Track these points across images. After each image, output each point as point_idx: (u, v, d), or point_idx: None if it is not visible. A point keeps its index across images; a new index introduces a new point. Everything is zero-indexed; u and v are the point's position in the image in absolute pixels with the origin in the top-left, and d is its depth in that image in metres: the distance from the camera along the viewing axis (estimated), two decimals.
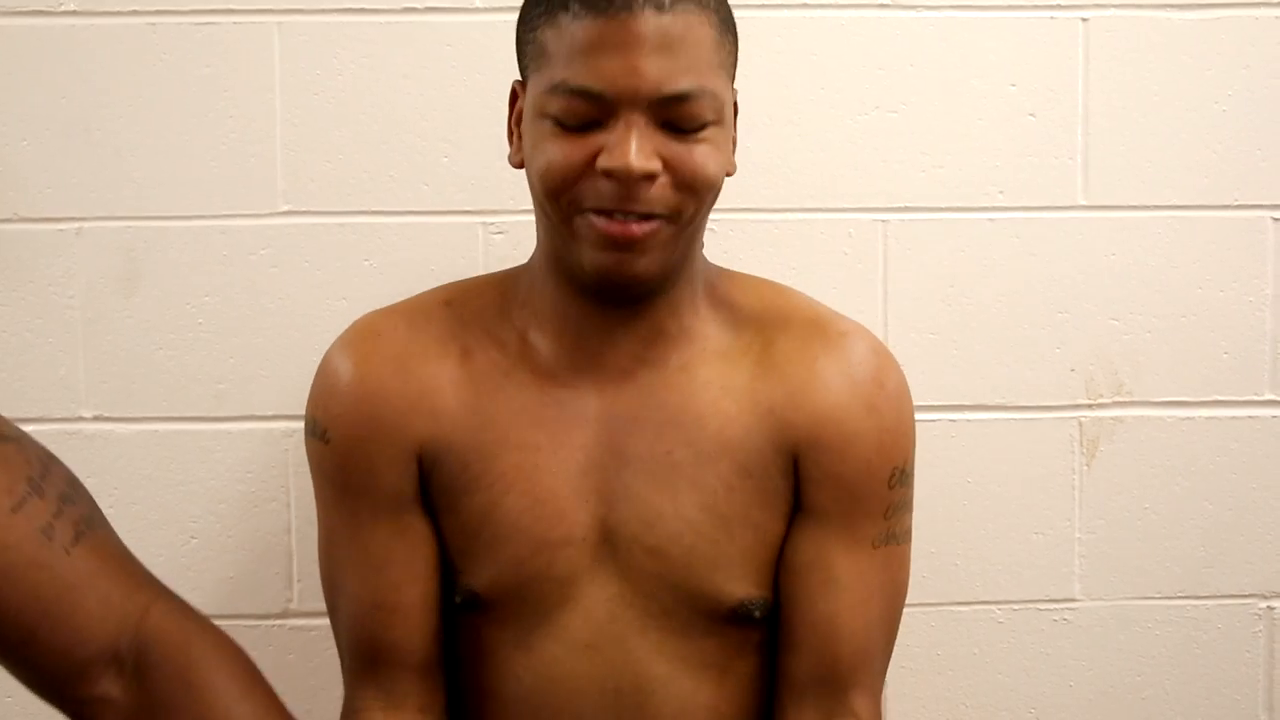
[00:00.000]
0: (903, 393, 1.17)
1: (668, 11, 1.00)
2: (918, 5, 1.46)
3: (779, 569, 1.15)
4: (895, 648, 1.21)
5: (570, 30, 1.01)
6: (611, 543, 1.12)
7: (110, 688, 0.86)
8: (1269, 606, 1.51)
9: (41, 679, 0.87)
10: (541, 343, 1.14)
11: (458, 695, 1.19)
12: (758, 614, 1.13)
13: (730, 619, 1.13)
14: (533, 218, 1.24)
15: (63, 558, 0.84)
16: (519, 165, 1.11)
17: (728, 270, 1.23)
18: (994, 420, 1.48)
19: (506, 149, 1.14)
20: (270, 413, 1.44)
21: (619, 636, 1.12)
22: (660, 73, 1.00)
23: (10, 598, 0.82)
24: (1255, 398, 1.49)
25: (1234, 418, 1.49)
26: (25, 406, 1.42)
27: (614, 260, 1.05)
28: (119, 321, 1.44)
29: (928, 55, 1.46)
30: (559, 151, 1.03)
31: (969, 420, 1.48)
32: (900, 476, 1.15)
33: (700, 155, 1.04)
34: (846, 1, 1.46)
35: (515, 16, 1.44)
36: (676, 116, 1.02)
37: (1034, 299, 1.47)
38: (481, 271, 1.42)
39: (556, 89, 1.02)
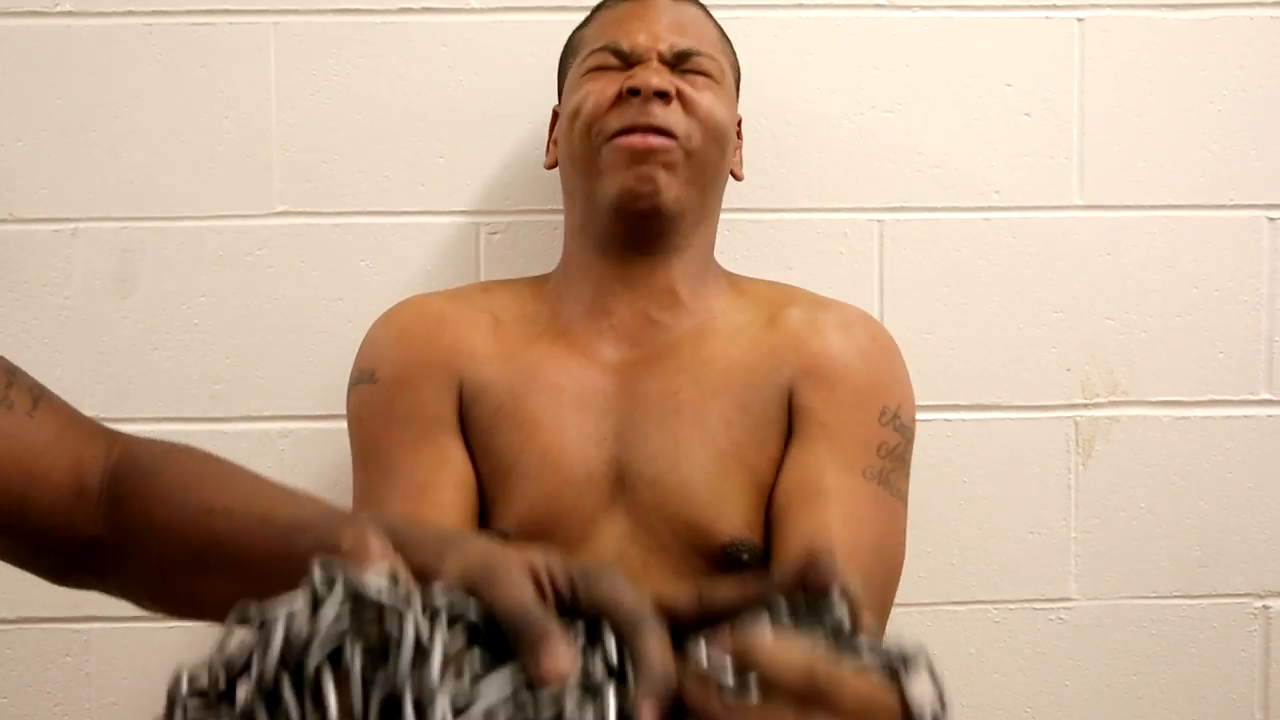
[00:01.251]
0: (897, 355, 1.25)
1: (681, 0, 1.26)
2: (913, 5, 1.46)
3: (770, 503, 1.17)
4: None
5: (603, 15, 1.27)
6: (622, 480, 1.18)
7: (94, 527, 0.84)
8: (1264, 605, 1.51)
9: (38, 547, 0.86)
10: (566, 310, 1.25)
11: None
12: (745, 556, 1.15)
13: (721, 560, 1.15)
14: (529, 219, 1.26)
15: (28, 422, 0.84)
16: (550, 166, 1.30)
17: (740, 274, 1.34)
18: (989, 420, 1.48)
19: (503, 150, 1.21)
20: (267, 413, 1.44)
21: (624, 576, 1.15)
22: (673, 35, 1.23)
23: None
24: (1250, 397, 1.49)
25: (1229, 417, 1.49)
26: None
27: (636, 176, 1.19)
28: (115, 322, 1.43)
29: (923, 55, 1.46)
30: (592, 88, 1.22)
31: (964, 420, 1.48)
32: (894, 420, 1.20)
33: (708, 97, 1.22)
34: (842, 2, 1.46)
35: (510, 17, 1.45)
36: (686, 68, 1.23)
37: (1029, 298, 1.48)
38: (478, 272, 1.43)
39: (591, 54, 1.24)
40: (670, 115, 1.19)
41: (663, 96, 1.18)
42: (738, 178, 1.31)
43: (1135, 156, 1.47)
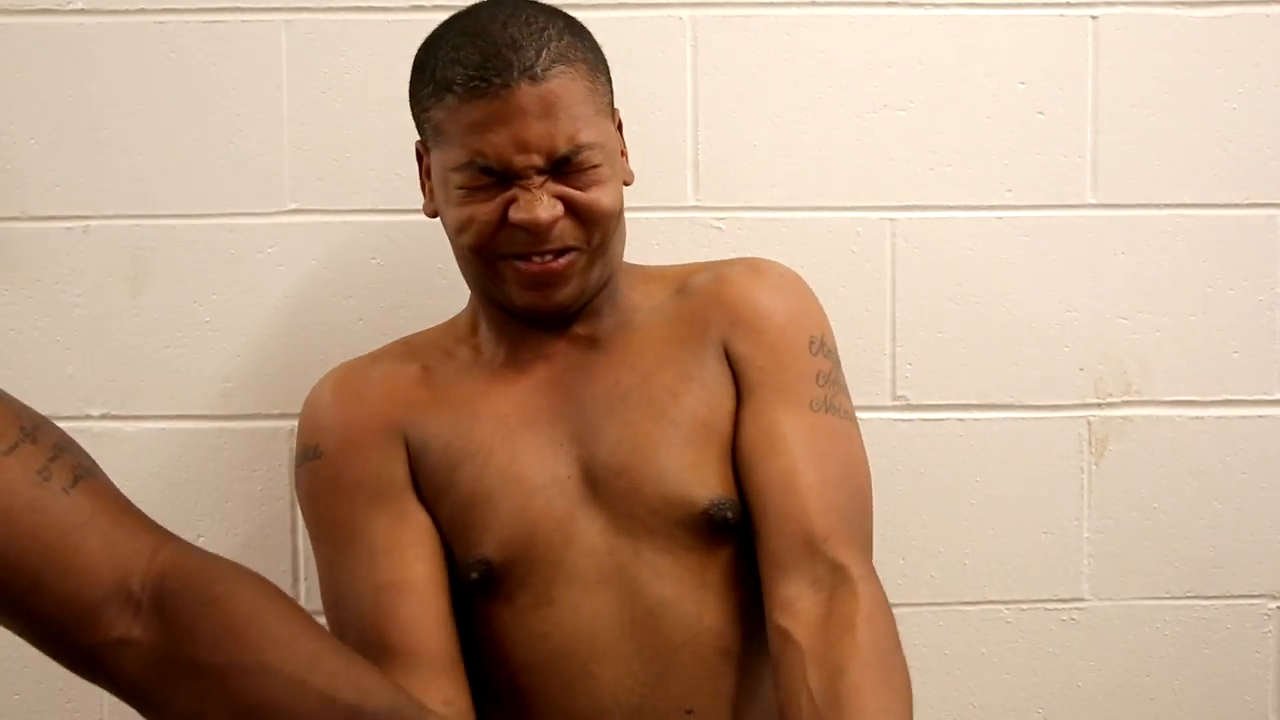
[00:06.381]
0: (807, 287, 1.27)
1: (541, 80, 1.12)
2: (926, 3, 1.45)
3: (736, 454, 1.19)
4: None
5: (459, 111, 1.14)
6: (592, 477, 1.19)
7: (129, 629, 0.81)
8: (1278, 607, 1.50)
9: (51, 631, 0.82)
10: (489, 351, 1.26)
11: (482, 689, 1.19)
12: (730, 515, 1.18)
13: (708, 526, 1.18)
14: None
15: (61, 498, 0.81)
16: (432, 215, 1.23)
17: (647, 265, 1.33)
18: (1002, 419, 1.48)
19: None
20: (277, 411, 1.44)
21: (620, 565, 1.18)
22: (545, 140, 1.13)
23: (9, 542, 0.79)
24: (1265, 397, 1.49)
25: (1243, 417, 1.49)
26: (32, 404, 1.41)
27: (540, 295, 1.19)
28: (126, 320, 1.44)
29: (936, 53, 1.46)
30: (474, 212, 1.16)
31: (977, 419, 1.48)
32: (821, 347, 1.23)
33: (595, 194, 1.17)
34: None
35: None
36: (568, 166, 1.15)
37: (1042, 298, 1.47)
38: None
39: (461, 169, 1.15)
40: (565, 232, 1.16)
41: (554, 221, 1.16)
42: (628, 184, 1.25)
43: (1149, 155, 1.47)
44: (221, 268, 1.44)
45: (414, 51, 1.43)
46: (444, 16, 1.43)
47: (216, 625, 0.82)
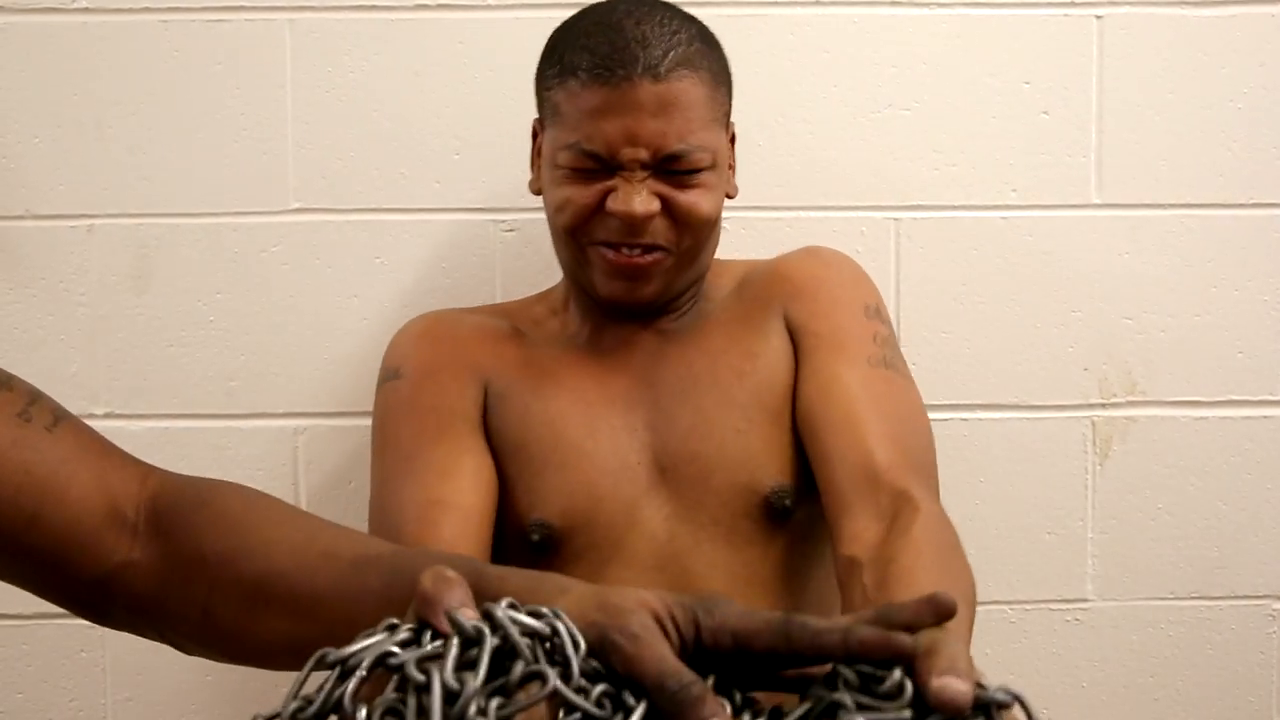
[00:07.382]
0: (858, 264, 1.32)
1: (663, 80, 1.15)
2: (930, 3, 1.45)
3: (798, 413, 1.21)
4: None
5: (579, 95, 1.16)
6: (661, 465, 1.22)
7: (130, 552, 0.82)
8: None
9: (53, 566, 0.82)
10: (576, 327, 1.29)
11: None
12: (788, 502, 1.19)
13: (767, 513, 1.20)
14: (544, 216, 1.25)
15: (46, 435, 0.82)
16: (536, 192, 1.26)
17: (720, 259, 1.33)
18: (1006, 419, 1.48)
19: (518, 146, 1.24)
20: (281, 410, 1.44)
21: (678, 554, 1.20)
22: (656, 136, 1.15)
23: (2, 480, 0.79)
24: (1269, 397, 1.49)
25: (1248, 418, 1.49)
26: None
27: (623, 288, 1.21)
28: (131, 319, 1.44)
29: (940, 53, 1.45)
30: (573, 194, 1.19)
31: (981, 419, 1.48)
32: (876, 313, 1.26)
33: (695, 197, 1.19)
34: None
35: (527, 14, 1.45)
36: (673, 167, 1.17)
37: (1047, 298, 1.47)
38: (493, 268, 1.44)
39: (569, 148, 1.17)
40: (658, 230, 1.18)
41: (649, 217, 1.17)
42: (731, 197, 1.26)
43: (1154, 155, 1.46)
44: (225, 267, 1.44)
45: (419, 50, 1.44)
46: (449, 15, 1.44)
47: (214, 519, 0.83)
